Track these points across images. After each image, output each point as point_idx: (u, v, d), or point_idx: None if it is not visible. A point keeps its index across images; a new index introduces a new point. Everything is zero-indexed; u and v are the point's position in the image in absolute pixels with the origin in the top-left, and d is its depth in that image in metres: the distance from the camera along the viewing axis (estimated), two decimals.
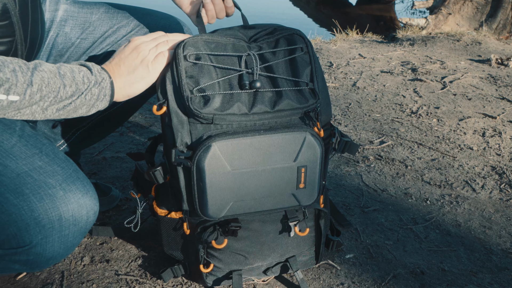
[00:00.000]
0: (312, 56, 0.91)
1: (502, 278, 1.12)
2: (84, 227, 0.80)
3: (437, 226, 1.31)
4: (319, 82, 0.91)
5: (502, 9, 4.44)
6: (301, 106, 0.87)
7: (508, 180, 1.57)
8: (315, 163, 0.90)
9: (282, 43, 0.90)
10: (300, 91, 0.88)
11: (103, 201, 1.29)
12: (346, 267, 1.12)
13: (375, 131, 1.95)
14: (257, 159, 0.86)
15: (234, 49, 0.88)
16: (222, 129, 0.85)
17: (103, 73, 0.80)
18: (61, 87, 0.74)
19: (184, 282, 1.04)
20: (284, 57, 0.89)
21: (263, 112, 0.85)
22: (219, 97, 0.84)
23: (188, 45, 0.85)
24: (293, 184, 0.90)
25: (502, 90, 2.51)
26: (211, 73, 0.85)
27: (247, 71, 0.86)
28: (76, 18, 1.04)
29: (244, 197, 0.88)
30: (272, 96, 0.86)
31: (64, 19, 1.03)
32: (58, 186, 0.77)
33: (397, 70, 2.84)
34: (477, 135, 1.93)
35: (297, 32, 0.91)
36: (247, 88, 0.85)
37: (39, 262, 0.80)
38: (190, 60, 0.84)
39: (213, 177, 0.85)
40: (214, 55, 0.86)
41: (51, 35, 1.01)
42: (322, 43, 3.55)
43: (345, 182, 1.52)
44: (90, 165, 1.56)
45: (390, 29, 5.11)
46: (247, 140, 0.84)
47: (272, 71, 0.88)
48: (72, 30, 1.03)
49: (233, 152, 0.84)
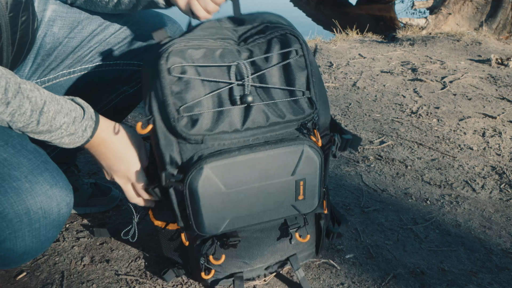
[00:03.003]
0: (307, 58, 0.83)
1: (502, 278, 1.12)
2: (57, 219, 0.78)
3: (437, 226, 1.31)
4: (316, 86, 0.84)
5: (502, 9, 4.44)
6: (297, 118, 0.80)
7: (508, 180, 1.57)
8: (314, 174, 0.85)
9: (274, 46, 0.83)
10: (296, 102, 0.81)
11: (103, 201, 1.30)
12: (346, 267, 1.12)
13: (375, 131, 1.95)
14: (253, 176, 0.81)
15: (223, 55, 0.81)
16: (213, 147, 0.79)
17: (88, 131, 0.82)
18: (33, 122, 0.74)
19: (184, 282, 1.05)
20: (278, 63, 0.82)
21: (256, 127, 0.79)
22: (208, 115, 0.77)
23: (172, 55, 0.77)
24: (292, 197, 0.86)
25: (502, 90, 2.51)
26: (198, 88, 0.78)
27: (238, 83, 0.79)
28: (65, 18, 1.03)
29: (241, 213, 0.84)
30: (265, 109, 0.79)
31: (53, 19, 1.02)
32: (24, 178, 0.74)
33: (397, 70, 2.84)
34: (477, 135, 1.93)
35: (290, 31, 0.83)
36: (238, 104, 0.78)
37: (11, 257, 0.78)
38: (174, 74, 0.77)
39: (207, 198, 0.80)
40: (201, 66, 0.79)
41: (39, 34, 1.01)
42: (322, 43, 3.55)
43: (345, 182, 1.52)
44: (90, 165, 1.56)
45: (390, 29, 5.11)
46: (241, 158, 0.79)
47: (265, 81, 0.81)
48: (60, 30, 1.03)
49: (226, 172, 0.79)
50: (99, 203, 1.29)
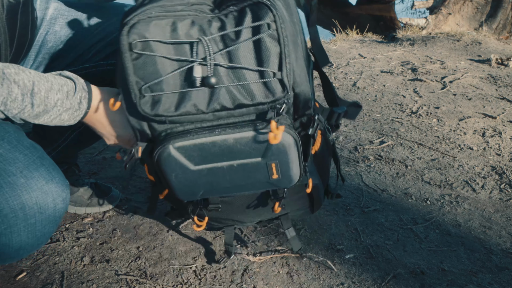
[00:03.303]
0: (281, 34, 0.73)
1: (502, 278, 1.12)
2: (52, 215, 0.78)
3: (437, 226, 1.31)
4: (292, 64, 0.75)
5: (502, 9, 4.44)
6: (266, 101, 0.75)
7: (508, 180, 1.57)
8: (287, 156, 0.81)
9: (246, 18, 0.73)
10: (266, 84, 0.74)
11: (103, 201, 1.30)
12: (346, 267, 1.12)
13: (375, 131, 1.95)
14: (221, 157, 0.80)
15: (190, 28, 0.73)
16: (180, 126, 0.78)
17: (84, 103, 0.81)
18: (27, 105, 0.73)
19: (184, 282, 1.05)
20: (248, 38, 0.73)
21: (222, 109, 0.75)
22: (171, 96, 0.74)
23: (134, 28, 0.71)
24: (265, 176, 0.84)
25: (502, 90, 2.51)
26: (160, 66, 0.73)
27: (200, 62, 0.73)
28: (66, 17, 1.03)
29: (214, 187, 0.85)
30: (233, 90, 0.74)
31: (54, 18, 1.02)
32: (19, 173, 0.74)
33: (397, 70, 2.84)
34: (477, 135, 1.93)
35: (263, 0, 0.73)
36: (198, 86, 0.73)
37: (7, 253, 0.78)
38: (136, 51, 0.72)
39: (175, 174, 0.81)
40: (163, 42, 0.73)
41: (40, 32, 1.01)
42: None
43: (345, 182, 1.52)
44: (90, 165, 1.56)
45: (390, 29, 5.11)
46: (206, 139, 0.77)
47: (233, 59, 0.73)
48: (62, 29, 1.03)
49: (193, 151, 0.79)
50: (99, 203, 1.29)
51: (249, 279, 1.06)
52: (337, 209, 1.36)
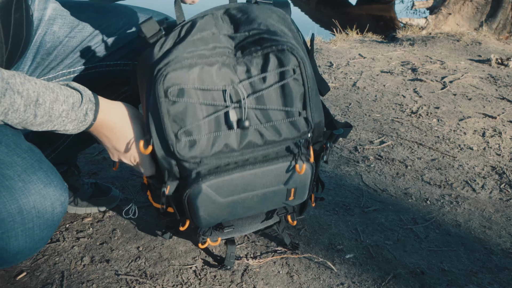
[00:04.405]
0: (305, 77, 0.80)
1: (502, 278, 1.12)
2: (51, 219, 0.77)
3: (437, 226, 1.31)
4: (312, 101, 0.82)
5: (502, 9, 4.44)
6: (293, 137, 0.83)
7: (508, 180, 1.57)
8: (305, 183, 0.90)
9: (272, 64, 0.79)
10: (292, 122, 0.82)
11: (103, 201, 1.30)
12: (346, 267, 1.12)
13: (375, 131, 1.95)
14: (248, 189, 0.86)
15: (220, 73, 0.78)
16: (211, 165, 0.82)
17: (90, 115, 0.80)
18: (30, 117, 0.72)
19: (184, 282, 1.05)
20: (275, 83, 0.80)
21: (252, 147, 0.82)
22: (205, 138, 0.78)
23: (169, 76, 0.75)
24: (283, 199, 0.92)
25: (502, 90, 2.51)
26: (195, 111, 0.77)
27: (234, 106, 0.79)
28: (65, 17, 1.03)
29: (235, 212, 0.91)
30: (262, 129, 0.81)
31: (53, 18, 1.02)
32: (17, 177, 0.73)
33: (397, 70, 2.84)
34: (477, 135, 1.93)
35: (288, 47, 0.78)
36: (235, 128, 0.79)
37: (5, 257, 0.77)
38: (171, 98, 0.76)
39: (204, 207, 0.85)
40: (198, 89, 0.77)
41: (38, 33, 1.01)
42: (322, 43, 3.55)
43: (345, 182, 1.52)
44: (90, 165, 1.56)
45: (390, 29, 5.11)
46: (237, 175, 0.83)
47: (262, 102, 0.80)
48: (61, 29, 1.02)
49: (223, 187, 0.84)
50: (99, 203, 1.29)
51: (249, 279, 1.06)
52: (337, 209, 1.36)
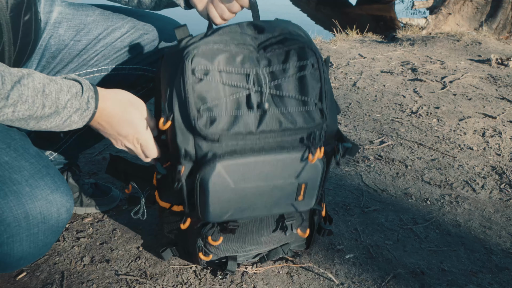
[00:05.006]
0: (322, 72, 0.87)
1: (502, 278, 1.12)
2: (55, 225, 0.77)
3: (437, 226, 1.31)
4: (328, 97, 0.88)
5: (502, 9, 4.44)
6: (307, 126, 0.86)
7: (508, 180, 1.57)
8: (316, 179, 0.92)
9: (292, 58, 0.86)
10: (308, 111, 0.86)
11: (103, 201, 1.30)
12: (346, 267, 1.12)
13: (375, 131, 1.95)
14: (260, 176, 0.87)
15: (244, 62, 0.85)
16: (227, 146, 0.84)
17: (92, 102, 0.80)
18: (39, 107, 0.72)
19: (184, 282, 1.05)
20: (294, 74, 0.86)
21: (269, 131, 0.84)
22: (226, 117, 0.82)
23: (197, 56, 0.82)
24: (292, 197, 0.93)
25: (502, 90, 2.51)
26: (219, 91, 0.83)
27: (256, 89, 0.84)
28: (71, 20, 1.03)
29: (244, 207, 0.91)
30: (279, 115, 0.85)
31: (59, 21, 1.02)
32: (24, 182, 0.73)
33: (397, 70, 2.84)
34: (477, 135, 1.93)
35: (308, 46, 0.87)
36: (255, 109, 0.84)
37: (8, 262, 0.77)
38: (198, 76, 0.81)
39: (215, 192, 0.86)
40: (223, 71, 0.83)
41: (44, 36, 1.01)
42: (322, 43, 3.55)
43: (345, 182, 1.52)
44: (90, 165, 1.56)
45: (390, 29, 5.11)
46: (252, 159, 0.85)
47: (281, 90, 0.85)
48: (66, 32, 1.02)
49: (237, 171, 0.85)
50: (99, 203, 1.29)
51: (249, 279, 1.06)
52: (337, 209, 1.36)
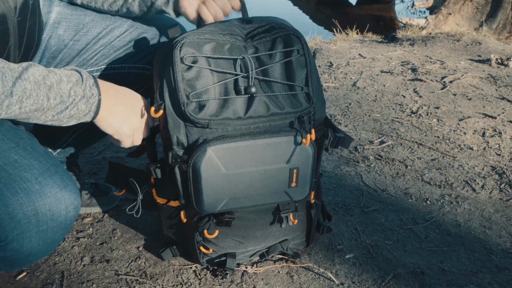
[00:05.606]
0: (308, 58, 0.90)
1: (502, 278, 1.12)
2: (64, 222, 0.78)
3: (437, 226, 1.31)
4: (314, 83, 0.90)
5: (502, 9, 4.44)
6: (295, 111, 0.88)
7: (508, 180, 1.57)
8: (307, 164, 0.93)
9: (278, 44, 0.90)
10: (295, 96, 0.88)
11: (103, 201, 1.30)
12: (346, 267, 1.12)
13: (375, 131, 1.95)
14: (251, 162, 0.89)
15: (231, 49, 0.88)
16: (217, 132, 0.86)
17: (94, 88, 0.80)
18: (44, 99, 0.73)
19: (184, 282, 1.05)
20: (280, 60, 0.89)
21: (257, 116, 0.86)
22: (214, 102, 0.85)
23: (185, 45, 0.85)
24: (285, 183, 0.94)
25: (502, 90, 2.51)
26: (207, 77, 0.85)
27: (243, 75, 0.87)
28: (70, 20, 1.03)
29: (238, 195, 0.92)
30: (267, 100, 0.87)
31: (58, 21, 1.02)
32: (34, 180, 0.74)
33: (397, 70, 2.84)
34: (477, 135, 1.93)
35: (294, 33, 0.90)
36: (243, 94, 0.86)
37: (17, 259, 0.78)
38: (186, 63, 0.84)
39: (208, 178, 0.87)
40: (211, 57, 0.86)
41: (43, 37, 1.01)
42: (322, 43, 3.55)
43: (345, 182, 1.52)
44: (90, 165, 1.56)
45: (390, 29, 5.11)
46: (242, 144, 0.86)
47: (267, 75, 0.88)
48: (65, 32, 1.02)
49: (228, 156, 0.86)
50: (99, 203, 1.29)
51: (249, 279, 1.06)
52: (337, 209, 1.36)
